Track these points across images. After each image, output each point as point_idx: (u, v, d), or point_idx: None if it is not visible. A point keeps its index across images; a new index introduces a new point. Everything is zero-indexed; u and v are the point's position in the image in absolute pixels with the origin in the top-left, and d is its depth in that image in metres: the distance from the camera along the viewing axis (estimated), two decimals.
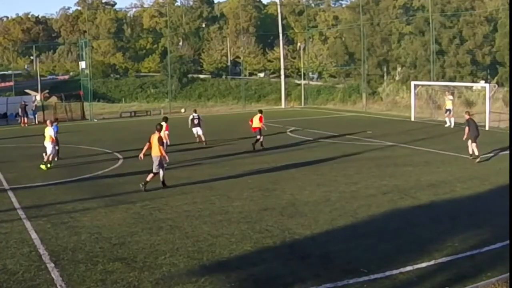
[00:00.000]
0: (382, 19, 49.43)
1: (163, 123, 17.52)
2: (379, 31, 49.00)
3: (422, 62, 44.03)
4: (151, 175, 14.11)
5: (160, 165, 14.25)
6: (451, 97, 28.21)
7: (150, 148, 14.40)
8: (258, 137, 20.99)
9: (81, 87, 41.95)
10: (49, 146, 18.07)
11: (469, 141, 17.61)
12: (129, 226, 10.71)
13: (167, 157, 14.48)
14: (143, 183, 13.91)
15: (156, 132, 14.63)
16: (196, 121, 23.34)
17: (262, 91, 57.34)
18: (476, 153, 17.38)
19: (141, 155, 14.65)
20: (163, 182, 14.35)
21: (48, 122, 19.55)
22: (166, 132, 18.39)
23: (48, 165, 17.80)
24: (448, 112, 27.61)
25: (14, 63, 73.09)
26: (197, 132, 23.18)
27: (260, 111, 22.03)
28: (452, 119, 27.40)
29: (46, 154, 17.97)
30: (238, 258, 8.86)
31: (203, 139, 22.78)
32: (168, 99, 46.87)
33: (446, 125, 27.55)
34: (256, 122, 21.23)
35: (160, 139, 14.28)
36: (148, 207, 12.20)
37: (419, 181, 14.58)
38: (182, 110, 39.57)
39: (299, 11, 72.70)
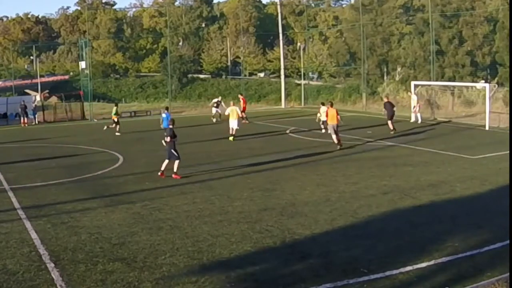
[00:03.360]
0: (384, 19, 49.43)
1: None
2: (381, 31, 49.01)
3: (422, 62, 44.03)
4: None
5: None
6: (414, 96, 30.54)
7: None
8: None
9: (81, 87, 41.96)
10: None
11: (389, 121, 24.90)
12: (129, 226, 10.71)
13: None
14: None
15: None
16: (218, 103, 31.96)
17: (262, 91, 57.38)
18: (391, 127, 24.74)
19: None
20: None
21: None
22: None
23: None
24: (414, 108, 30.25)
25: (14, 63, 73.05)
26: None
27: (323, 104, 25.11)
28: (419, 115, 30.09)
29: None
30: (238, 258, 8.86)
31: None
32: (168, 99, 46.83)
33: (412, 120, 30.00)
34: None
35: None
36: (148, 207, 12.20)
37: (419, 181, 14.58)
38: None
39: (299, 11, 72.72)
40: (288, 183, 14.56)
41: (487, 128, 26.19)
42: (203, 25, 76.87)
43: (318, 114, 25.82)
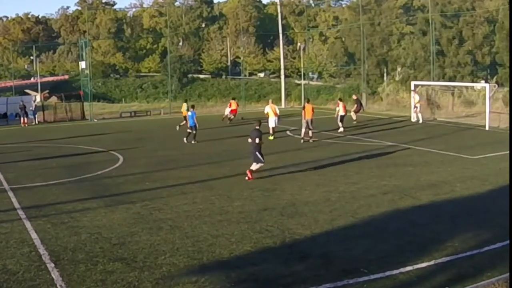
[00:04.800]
0: (383, 19, 49.43)
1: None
2: (380, 31, 49.01)
3: (422, 62, 44.02)
4: None
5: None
6: (416, 95, 30.46)
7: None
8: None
9: (81, 87, 41.96)
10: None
11: (353, 112, 29.14)
12: (129, 226, 10.71)
13: None
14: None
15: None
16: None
17: (262, 91, 57.41)
18: (355, 117, 28.88)
19: None
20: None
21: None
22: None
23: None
24: (415, 108, 30.28)
25: (14, 63, 73.07)
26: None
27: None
28: (420, 115, 29.99)
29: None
30: (238, 258, 8.86)
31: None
32: (168, 99, 46.84)
33: (414, 120, 30.07)
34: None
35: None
36: (148, 207, 12.20)
37: (419, 181, 14.58)
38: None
39: (299, 11, 72.74)
40: (288, 183, 14.56)
41: (487, 128, 26.19)
42: (203, 25, 76.94)
43: (337, 109, 27.20)
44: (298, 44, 58.95)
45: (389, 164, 17.22)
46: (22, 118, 33.99)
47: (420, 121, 29.71)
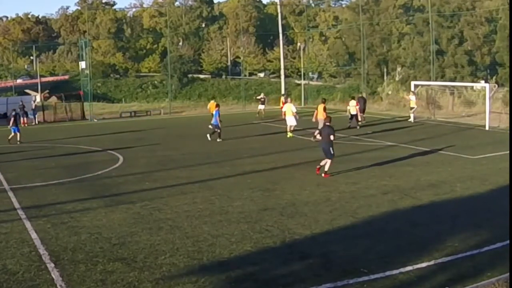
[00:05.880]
0: (382, 19, 49.43)
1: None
2: (379, 30, 49.01)
3: (422, 62, 44.02)
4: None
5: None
6: (413, 97, 30.17)
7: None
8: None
9: (81, 87, 41.96)
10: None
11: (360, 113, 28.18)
12: (129, 226, 10.71)
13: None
14: None
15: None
16: (263, 100, 34.71)
17: (262, 91, 57.31)
18: (360, 119, 28.13)
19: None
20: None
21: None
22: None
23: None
24: (413, 109, 29.97)
25: (14, 63, 73.09)
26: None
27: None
28: (412, 115, 30.03)
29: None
30: (238, 258, 8.86)
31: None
32: (168, 99, 46.85)
33: (409, 120, 30.03)
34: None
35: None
36: (148, 207, 12.19)
37: (419, 181, 14.58)
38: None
39: (299, 11, 72.74)
40: (288, 183, 14.56)
41: (487, 128, 26.18)
42: (203, 25, 76.96)
43: (348, 107, 27.97)
44: (298, 44, 59.05)
45: (389, 164, 17.22)
46: (22, 118, 33.96)
47: (412, 121, 29.70)
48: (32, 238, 9.97)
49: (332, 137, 15.14)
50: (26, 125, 33.57)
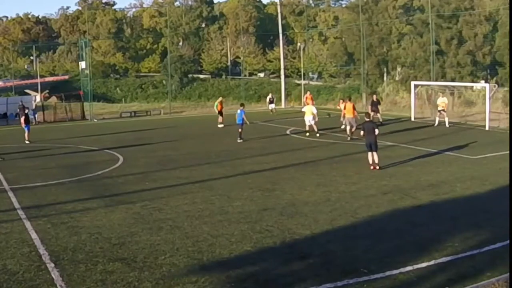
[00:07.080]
0: (381, 19, 49.41)
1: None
2: (378, 30, 48.98)
3: (422, 62, 44.00)
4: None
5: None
6: (444, 98, 28.65)
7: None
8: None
9: (81, 87, 41.96)
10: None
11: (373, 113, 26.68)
12: (129, 226, 10.71)
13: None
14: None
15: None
16: (272, 99, 37.85)
17: (262, 91, 57.28)
18: (381, 119, 28.38)
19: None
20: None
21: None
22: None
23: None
24: (439, 113, 28.10)
25: (14, 63, 73.07)
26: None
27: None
28: (437, 119, 28.06)
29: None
30: (238, 258, 8.86)
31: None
32: (168, 99, 46.85)
33: (435, 125, 27.91)
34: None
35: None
36: (148, 207, 12.20)
37: (419, 181, 14.58)
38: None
39: (299, 11, 72.70)
40: (288, 183, 14.56)
41: (487, 128, 26.19)
42: (203, 25, 76.90)
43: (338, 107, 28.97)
44: (298, 44, 58.98)
45: (389, 164, 17.22)
46: (22, 118, 33.97)
47: (436, 124, 27.89)
48: (32, 238, 9.98)
49: (377, 132, 16.46)
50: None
